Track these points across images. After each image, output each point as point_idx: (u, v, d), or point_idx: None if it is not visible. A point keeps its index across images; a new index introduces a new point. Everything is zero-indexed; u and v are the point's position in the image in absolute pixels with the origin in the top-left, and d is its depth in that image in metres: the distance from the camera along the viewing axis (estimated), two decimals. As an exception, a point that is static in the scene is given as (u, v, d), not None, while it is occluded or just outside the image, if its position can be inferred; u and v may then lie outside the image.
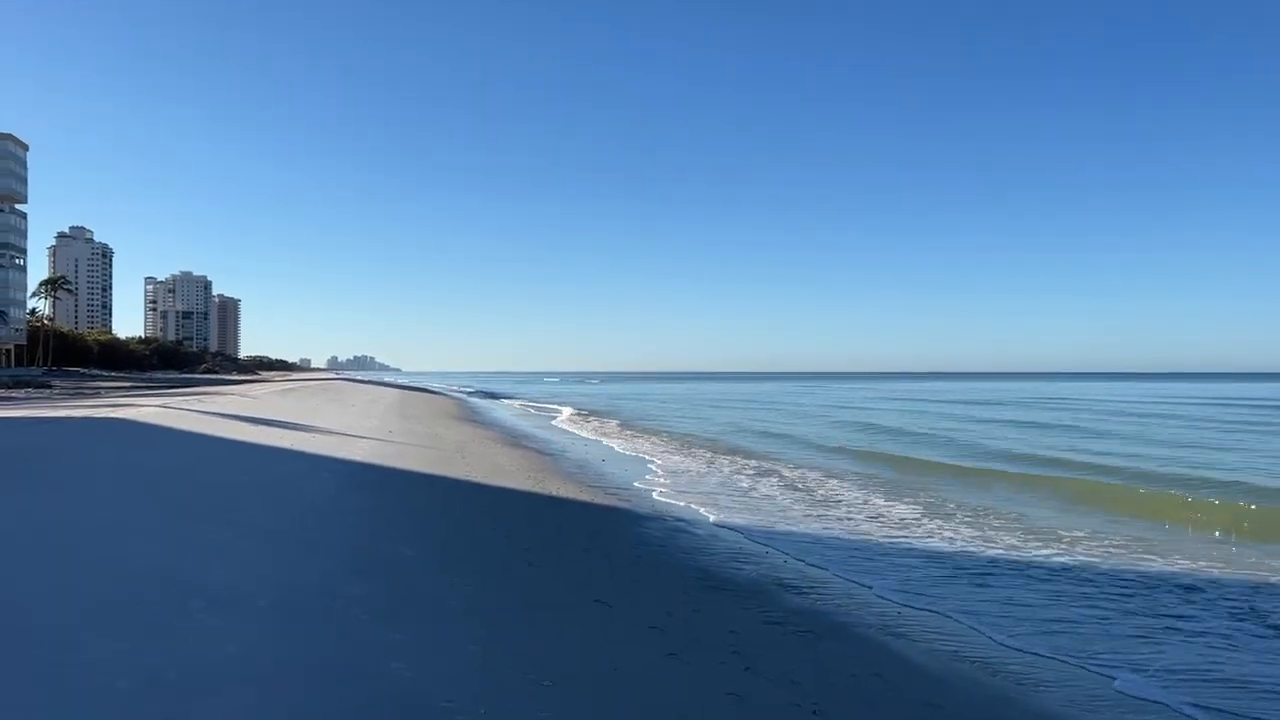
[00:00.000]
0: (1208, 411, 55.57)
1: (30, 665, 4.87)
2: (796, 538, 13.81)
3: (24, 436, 16.78)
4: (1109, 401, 71.88)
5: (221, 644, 5.68)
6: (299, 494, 12.45)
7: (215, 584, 7.12)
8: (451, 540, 10.75)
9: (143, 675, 4.97)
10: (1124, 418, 49.08)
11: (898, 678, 7.14)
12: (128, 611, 6.07)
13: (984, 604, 9.99)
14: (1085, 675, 7.67)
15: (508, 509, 14.54)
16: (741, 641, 7.64)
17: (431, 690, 5.31)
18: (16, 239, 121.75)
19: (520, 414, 53.78)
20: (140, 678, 4.93)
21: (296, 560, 8.43)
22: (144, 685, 4.82)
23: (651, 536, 13.19)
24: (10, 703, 4.39)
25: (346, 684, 5.22)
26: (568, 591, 8.93)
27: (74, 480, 11.36)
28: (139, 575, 7.06)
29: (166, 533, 9.03)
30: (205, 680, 4.99)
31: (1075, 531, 14.70)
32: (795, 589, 10.24)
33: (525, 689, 5.62)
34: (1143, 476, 21.81)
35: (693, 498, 17.78)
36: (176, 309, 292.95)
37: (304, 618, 6.54)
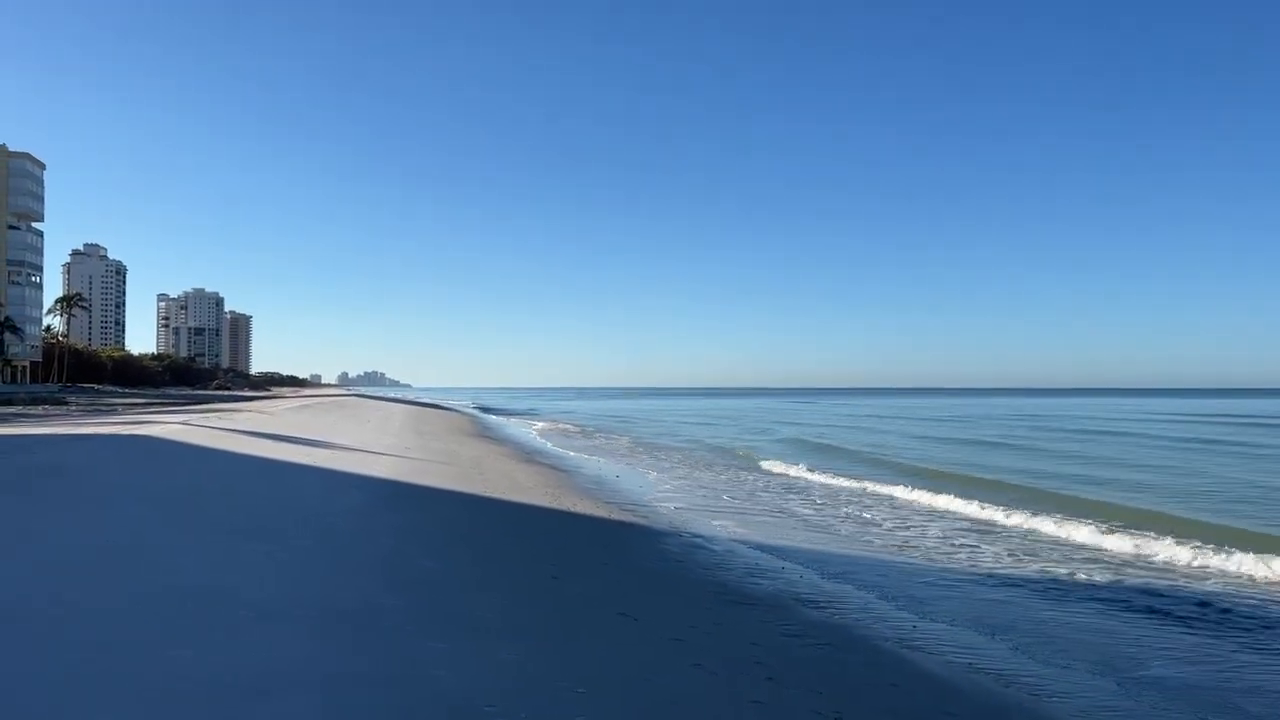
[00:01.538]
0: (1178, 429, 56.44)
1: (107, 672, 5.22)
2: (809, 554, 14.08)
3: (56, 454, 17.19)
4: (1083, 418, 73.38)
5: (276, 652, 6.02)
6: (327, 510, 12.80)
7: (261, 597, 7.47)
8: (478, 555, 11.07)
9: (209, 681, 5.31)
10: (1075, 434, 51.06)
11: (915, 688, 7.41)
12: (186, 622, 6.42)
13: (1006, 619, 10.25)
14: (1099, 685, 7.93)
15: (528, 524, 14.86)
16: (763, 653, 7.92)
17: (475, 696, 5.62)
18: (33, 257, 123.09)
19: (530, 430, 54.13)
20: (207, 683, 5.27)
21: (333, 574, 8.77)
22: (211, 690, 5.17)
23: (669, 552, 13.47)
24: (92, 704, 4.74)
25: (397, 690, 5.54)
26: (592, 604, 9.24)
27: (113, 498, 11.75)
28: (190, 588, 7.41)
29: (207, 548, 9.40)
30: (267, 685, 5.32)
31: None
32: (812, 603, 10.51)
33: (562, 696, 5.92)
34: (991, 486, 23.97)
35: (707, 513, 18.07)
36: (189, 325, 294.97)
37: (348, 628, 6.87)
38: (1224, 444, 43.03)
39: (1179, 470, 30.06)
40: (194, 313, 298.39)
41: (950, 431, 55.62)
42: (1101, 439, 47.46)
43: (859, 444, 43.25)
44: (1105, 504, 20.71)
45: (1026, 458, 35.43)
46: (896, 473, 28.12)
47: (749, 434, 53.53)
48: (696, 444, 42.91)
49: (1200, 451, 38.65)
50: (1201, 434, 50.22)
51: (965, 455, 36.85)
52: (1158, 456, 35.65)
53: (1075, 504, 20.64)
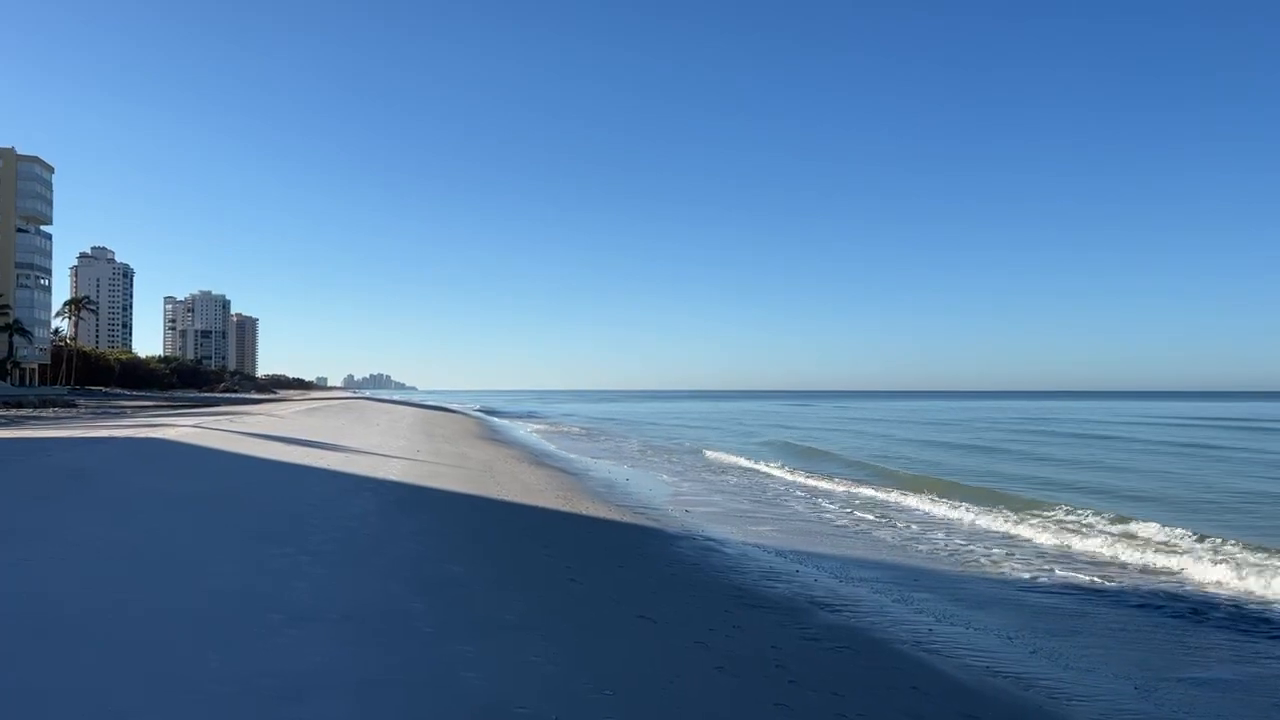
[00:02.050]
0: (1153, 432, 57.00)
1: (152, 673, 5.33)
2: (823, 557, 14.16)
3: (75, 457, 17.32)
4: (1070, 421, 74.21)
5: (308, 654, 6.12)
6: (345, 513, 12.90)
7: (289, 600, 7.57)
8: (497, 558, 11.17)
9: (242, 682, 5.41)
10: (1050, 437, 52.46)
11: (934, 691, 7.48)
12: (221, 625, 6.53)
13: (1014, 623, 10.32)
14: (1118, 689, 7.99)
15: (544, 528, 14.96)
16: (783, 656, 8.00)
17: (505, 698, 5.71)
18: (42, 260, 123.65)
19: (538, 433, 54.26)
20: (240, 684, 5.37)
21: (358, 578, 8.88)
22: (244, 691, 5.26)
23: (684, 555, 13.55)
24: (138, 705, 4.84)
25: (428, 691, 5.64)
26: (612, 607, 9.32)
27: (136, 501, 11.87)
28: (221, 592, 7.52)
29: (233, 552, 9.51)
30: (302, 687, 5.42)
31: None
32: (829, 607, 10.59)
33: (589, 697, 6.01)
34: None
35: (719, 516, 18.15)
36: (195, 328, 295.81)
37: (375, 631, 6.97)
38: (1197, 447, 43.46)
39: (1131, 472, 30.78)
40: (200, 315, 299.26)
41: (929, 435, 56.46)
42: (1063, 440, 49.01)
43: (844, 448, 43.61)
44: (1041, 502, 21.17)
45: (990, 459, 36.72)
46: (890, 479, 28.16)
47: (734, 436, 54.04)
48: (696, 445, 43.01)
49: (1168, 454, 39.11)
50: (1181, 438, 50.46)
51: (938, 456, 38.46)
52: (1111, 458, 36.63)
53: (1030, 505, 21.07)
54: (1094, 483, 27.21)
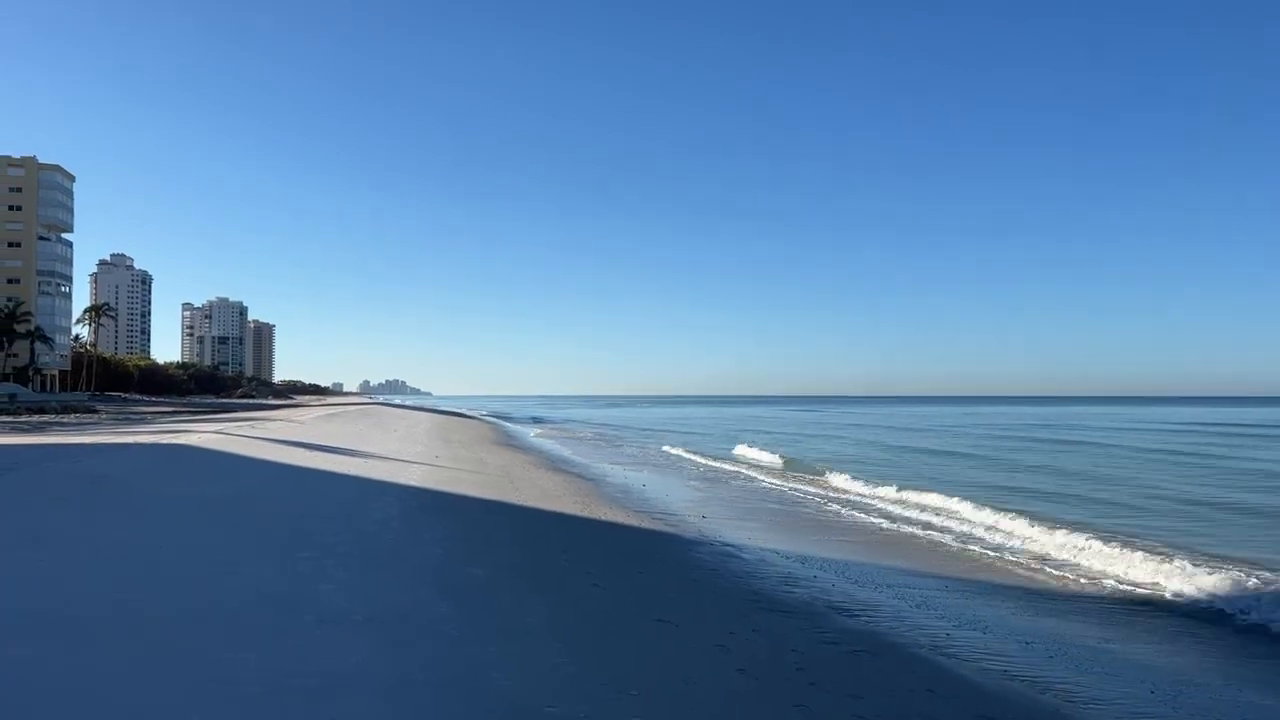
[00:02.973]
0: (1133, 438, 56.83)
1: (185, 672, 5.51)
2: (840, 563, 14.26)
3: (101, 463, 17.62)
4: (1069, 428, 73.95)
5: (339, 655, 6.30)
6: (368, 517, 13.11)
7: (318, 602, 7.77)
8: (518, 562, 11.34)
9: (279, 681, 5.59)
10: (1034, 443, 52.59)
11: (952, 693, 7.59)
12: (251, 626, 6.72)
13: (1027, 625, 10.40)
14: (1132, 693, 8.08)
15: (563, 532, 15.12)
16: (802, 659, 8.12)
17: (533, 699, 5.87)
18: (63, 267, 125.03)
19: (552, 438, 54.46)
20: (277, 683, 5.55)
21: (383, 581, 9.06)
22: (282, 690, 5.44)
23: (702, 560, 13.68)
24: (179, 703, 5.02)
25: (458, 691, 5.81)
26: (633, 611, 9.47)
27: (165, 506, 12.12)
28: (249, 594, 7.72)
29: (261, 556, 9.72)
30: (335, 687, 5.60)
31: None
32: (846, 611, 10.70)
33: (614, 699, 6.16)
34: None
35: (736, 522, 18.26)
36: (213, 334, 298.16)
37: (404, 633, 7.14)
38: (1165, 452, 43.42)
39: (1070, 475, 31.37)
40: (218, 321, 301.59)
41: (940, 444, 56.38)
42: (1039, 446, 49.97)
43: (841, 456, 43.45)
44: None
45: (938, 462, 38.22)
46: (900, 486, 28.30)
47: (717, 440, 54.09)
48: (707, 450, 43.10)
49: (1131, 459, 39.34)
50: (1170, 444, 50.19)
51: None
52: (1069, 463, 37.04)
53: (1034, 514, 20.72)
54: (1088, 493, 26.92)
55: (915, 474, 31.20)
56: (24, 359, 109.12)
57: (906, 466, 35.12)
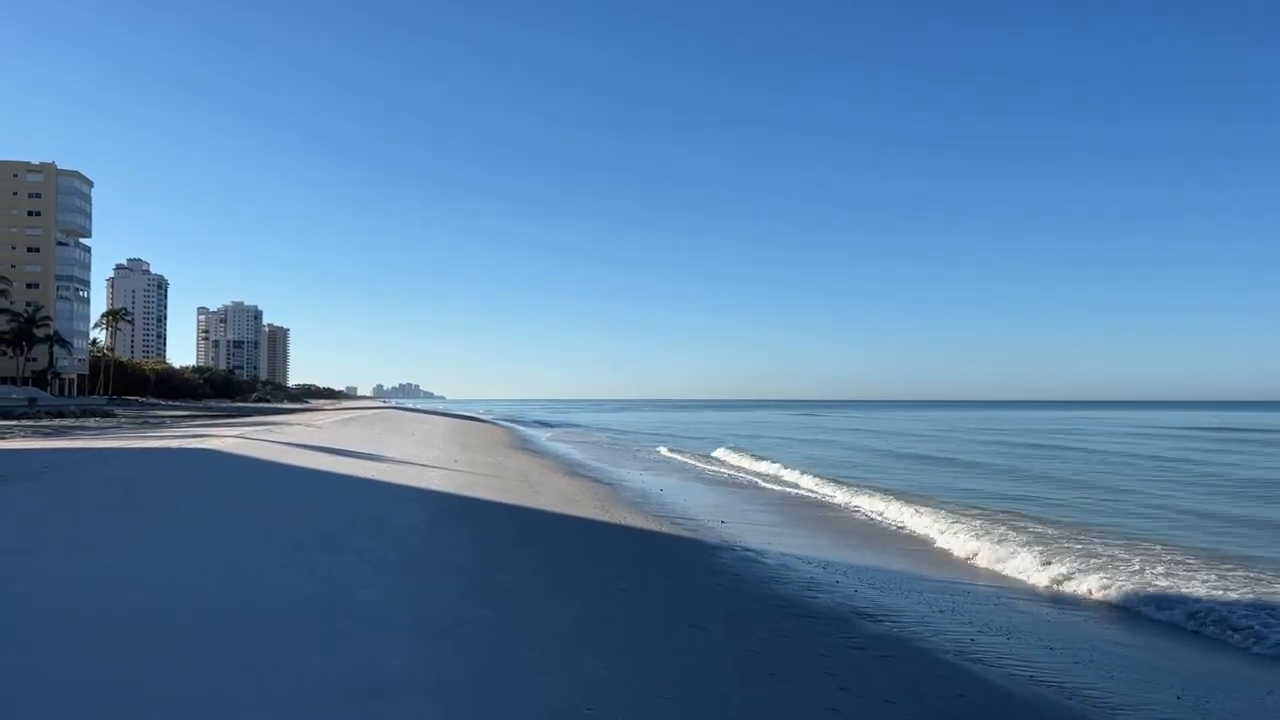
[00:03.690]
0: (1110, 443, 56.86)
1: (249, 673, 5.70)
2: (862, 569, 14.36)
3: (130, 468, 17.89)
4: (1037, 431, 74.73)
5: (385, 657, 6.46)
6: (396, 523, 13.30)
7: (359, 606, 7.94)
8: (546, 567, 11.50)
9: (336, 682, 5.76)
10: (990, 446, 53.95)
11: (981, 699, 7.70)
12: (301, 629, 6.90)
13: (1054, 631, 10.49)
14: (1160, 699, 8.16)
15: (587, 537, 15.28)
16: (831, 664, 8.25)
17: (575, 701, 6.01)
18: (81, 272, 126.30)
19: (566, 443, 54.66)
20: (335, 684, 5.72)
21: (418, 585, 9.23)
22: (340, 691, 5.61)
23: (725, 565, 13.80)
24: (243, 701, 5.20)
25: (503, 693, 5.96)
26: (663, 616, 9.61)
27: (197, 511, 12.34)
28: (295, 598, 7.91)
29: (295, 560, 9.91)
30: (385, 688, 5.76)
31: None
32: (871, 617, 10.80)
33: (653, 702, 6.30)
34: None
35: (754, 527, 18.38)
36: (228, 338, 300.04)
37: (443, 636, 7.31)
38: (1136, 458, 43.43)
39: (1023, 475, 32.88)
40: (233, 326, 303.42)
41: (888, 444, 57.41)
42: (994, 447, 51.74)
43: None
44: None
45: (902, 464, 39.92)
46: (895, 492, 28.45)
47: (752, 445, 54.20)
48: (719, 454, 43.22)
49: (1096, 463, 39.85)
50: (1151, 449, 50.16)
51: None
52: (1029, 465, 37.95)
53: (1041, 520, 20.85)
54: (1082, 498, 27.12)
55: (914, 485, 30.93)
56: (43, 363, 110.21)
57: (895, 473, 35.33)
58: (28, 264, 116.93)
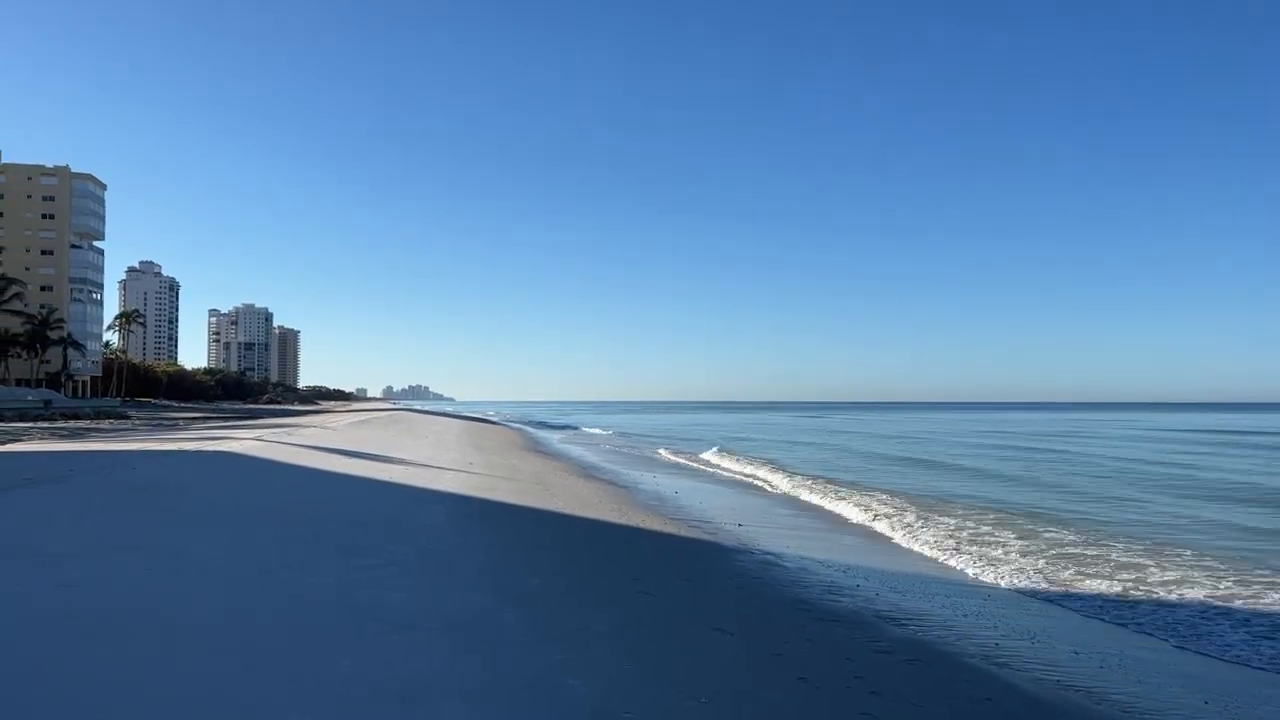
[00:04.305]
0: (1109, 448, 56.81)
1: (285, 675, 5.75)
2: (879, 572, 14.37)
3: (154, 471, 18.01)
4: (1021, 434, 75.14)
5: (419, 660, 6.51)
6: (418, 526, 13.37)
7: (388, 609, 8.00)
8: (568, 570, 11.54)
9: (372, 684, 5.82)
10: (969, 448, 54.44)
11: (1010, 704, 7.70)
12: (332, 632, 6.96)
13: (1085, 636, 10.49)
14: (1188, 703, 8.16)
15: (606, 540, 15.32)
16: (859, 668, 8.26)
17: (609, 703, 6.05)
18: (94, 275, 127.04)
19: (577, 445, 54.75)
20: (370, 686, 5.78)
21: (445, 588, 9.29)
22: (376, 693, 5.67)
23: (745, 569, 13.82)
24: (281, 702, 5.26)
25: (536, 695, 6.00)
26: (688, 619, 9.63)
27: (222, 514, 12.43)
28: (323, 601, 7.98)
29: (321, 563, 9.98)
30: (418, 690, 5.81)
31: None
32: (895, 620, 10.81)
33: (685, 704, 6.33)
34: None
35: (771, 530, 18.40)
36: (239, 340, 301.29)
37: (472, 639, 7.35)
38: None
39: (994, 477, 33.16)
40: (244, 328, 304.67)
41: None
42: (972, 449, 52.27)
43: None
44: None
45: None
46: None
47: (761, 447, 54.22)
48: (730, 457, 43.28)
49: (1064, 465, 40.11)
50: (1113, 452, 50.10)
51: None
52: (999, 468, 38.14)
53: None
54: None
55: (925, 490, 31.21)
56: (57, 365, 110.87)
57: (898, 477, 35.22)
58: (42, 267, 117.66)
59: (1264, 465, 41.73)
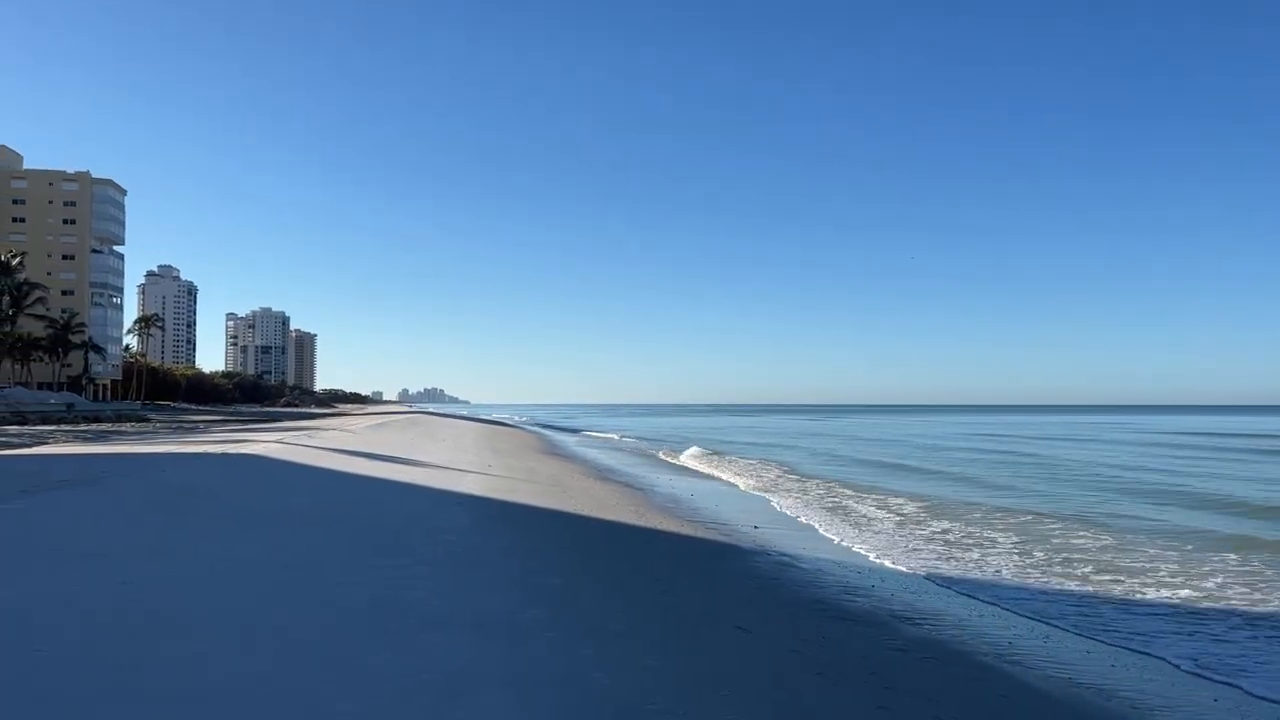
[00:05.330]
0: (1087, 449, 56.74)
1: (331, 669, 6.08)
2: (892, 572, 14.60)
3: (182, 474, 18.43)
4: (1009, 437, 74.35)
5: (453, 656, 6.81)
6: (443, 527, 13.69)
7: (420, 608, 8.31)
8: (590, 570, 11.83)
9: (410, 678, 6.12)
10: (944, 451, 54.10)
11: (1023, 700, 7.94)
12: (372, 630, 7.28)
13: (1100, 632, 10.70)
14: (1197, 700, 8.37)
15: (625, 541, 15.61)
16: (875, 665, 8.51)
17: (634, 697, 6.33)
18: (114, 279, 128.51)
19: (591, 447, 55.06)
20: (409, 680, 6.08)
21: (472, 587, 9.59)
22: (415, 687, 5.97)
23: (761, 570, 14.07)
24: (329, 695, 5.57)
25: (568, 689, 6.29)
26: (708, 617, 9.91)
27: (253, 517, 12.79)
28: (359, 601, 8.30)
29: (352, 564, 10.31)
30: (458, 684, 6.11)
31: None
32: (909, 620, 11.05)
33: (709, 698, 6.60)
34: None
35: (786, 532, 18.63)
36: (256, 343, 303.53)
37: (504, 636, 7.64)
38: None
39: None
40: (261, 331, 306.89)
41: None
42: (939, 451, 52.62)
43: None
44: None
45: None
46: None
47: (769, 449, 54.38)
48: (739, 458, 43.49)
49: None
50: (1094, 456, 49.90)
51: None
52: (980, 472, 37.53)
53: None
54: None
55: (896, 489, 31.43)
56: (78, 368, 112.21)
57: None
58: (63, 271, 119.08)
59: (1229, 469, 41.59)
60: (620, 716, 5.84)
